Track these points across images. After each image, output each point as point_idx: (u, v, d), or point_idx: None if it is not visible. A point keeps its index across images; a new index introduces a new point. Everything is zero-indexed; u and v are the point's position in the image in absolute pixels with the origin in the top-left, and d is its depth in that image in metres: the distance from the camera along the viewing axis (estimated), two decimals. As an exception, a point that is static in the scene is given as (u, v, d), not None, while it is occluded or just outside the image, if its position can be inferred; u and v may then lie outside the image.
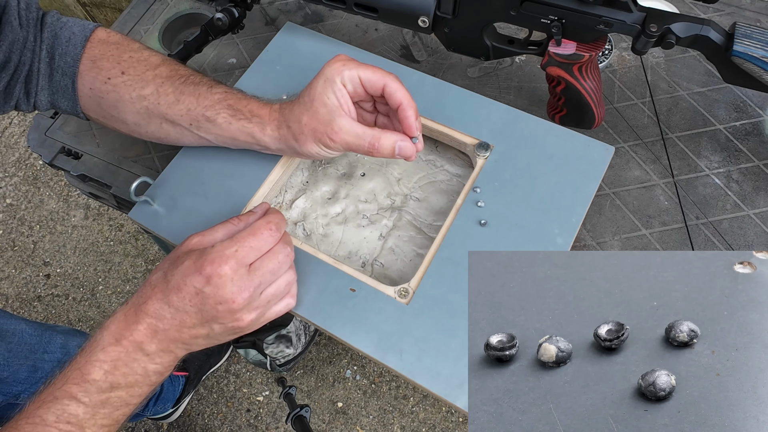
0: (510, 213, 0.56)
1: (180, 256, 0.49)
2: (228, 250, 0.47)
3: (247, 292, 0.47)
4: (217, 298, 0.46)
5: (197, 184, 0.60)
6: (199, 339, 0.49)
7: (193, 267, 0.47)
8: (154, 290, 0.48)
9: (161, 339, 0.48)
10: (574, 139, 0.59)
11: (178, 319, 0.48)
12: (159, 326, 0.48)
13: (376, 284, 0.54)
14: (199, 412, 1.40)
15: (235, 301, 0.47)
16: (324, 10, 0.81)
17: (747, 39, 0.53)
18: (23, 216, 1.66)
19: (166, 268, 0.49)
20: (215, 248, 0.47)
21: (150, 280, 0.50)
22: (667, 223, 0.64)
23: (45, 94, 0.59)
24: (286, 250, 0.50)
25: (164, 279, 0.48)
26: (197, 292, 0.46)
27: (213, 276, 0.46)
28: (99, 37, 0.59)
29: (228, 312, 0.47)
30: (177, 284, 0.47)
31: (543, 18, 0.56)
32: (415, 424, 1.36)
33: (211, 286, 0.46)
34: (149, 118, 0.59)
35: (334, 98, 0.53)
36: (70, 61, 0.58)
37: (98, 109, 0.60)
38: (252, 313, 0.49)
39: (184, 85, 0.58)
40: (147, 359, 0.48)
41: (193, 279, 0.46)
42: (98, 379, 0.47)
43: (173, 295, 0.47)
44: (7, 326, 0.87)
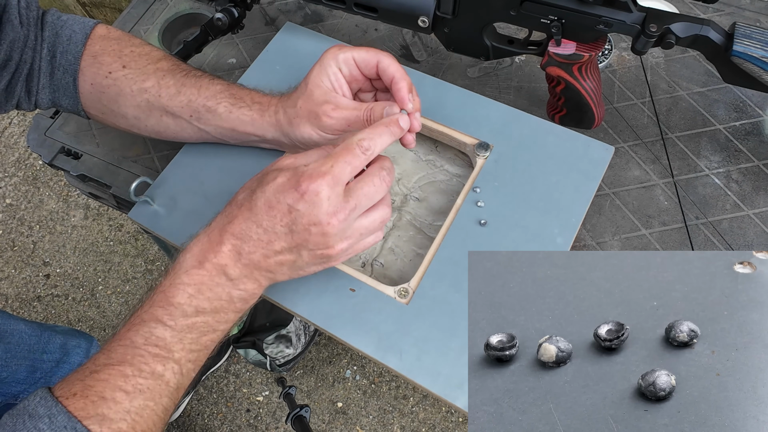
0: (510, 213, 0.56)
1: (270, 173, 0.46)
2: (323, 167, 0.44)
3: (343, 214, 0.44)
4: (311, 218, 0.44)
5: (197, 184, 0.60)
6: (284, 267, 0.47)
7: (288, 183, 0.44)
8: (241, 209, 0.46)
9: (245, 263, 0.46)
10: (574, 139, 0.59)
11: (265, 240, 0.45)
12: (244, 248, 0.45)
13: (376, 284, 0.54)
14: (199, 412, 1.40)
15: (330, 223, 0.44)
16: (324, 10, 0.81)
17: (747, 39, 0.53)
18: (23, 216, 1.65)
19: (254, 186, 0.46)
20: (310, 165, 0.44)
21: (236, 198, 0.47)
22: (666, 223, 0.64)
23: (46, 93, 0.59)
24: (382, 174, 0.46)
25: (251, 197, 0.45)
26: (290, 209, 0.44)
27: (308, 192, 0.43)
28: (99, 33, 0.60)
29: (321, 235, 0.45)
30: (268, 201, 0.44)
31: (543, 18, 0.56)
32: (415, 424, 1.36)
33: (306, 203, 0.43)
34: (149, 111, 0.59)
35: (328, 81, 0.53)
36: (71, 59, 0.58)
37: (99, 104, 0.60)
38: (344, 242, 0.46)
39: (186, 78, 0.58)
40: (230, 284, 0.46)
41: (287, 195, 0.44)
42: (183, 303, 0.45)
43: (263, 213, 0.44)
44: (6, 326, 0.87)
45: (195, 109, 0.57)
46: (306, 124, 0.54)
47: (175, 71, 0.59)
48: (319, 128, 0.53)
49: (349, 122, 0.53)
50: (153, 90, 0.58)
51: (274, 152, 0.61)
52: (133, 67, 0.58)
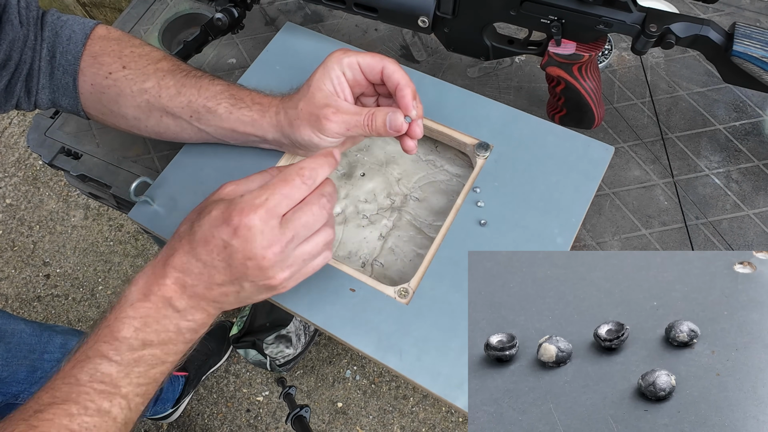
0: (510, 213, 0.56)
1: (209, 204, 0.46)
2: (258, 200, 0.44)
3: (279, 247, 0.44)
4: (246, 252, 0.43)
5: (197, 184, 0.60)
6: (229, 297, 0.47)
7: (221, 217, 0.44)
8: (182, 242, 0.46)
9: (190, 295, 0.46)
10: (574, 139, 0.59)
11: (206, 274, 0.45)
12: (187, 281, 0.45)
13: (376, 284, 0.54)
14: (199, 412, 1.40)
15: (265, 257, 0.44)
16: (324, 10, 0.81)
17: (747, 39, 0.53)
18: (23, 216, 1.65)
19: (193, 218, 0.47)
20: (244, 197, 0.44)
21: (178, 231, 0.47)
22: (666, 223, 0.64)
23: (46, 93, 0.59)
24: (321, 201, 0.46)
25: (190, 230, 0.45)
26: (225, 245, 0.44)
27: (241, 227, 0.43)
28: (99, 33, 0.60)
29: (258, 269, 0.44)
30: (204, 236, 0.44)
31: (543, 18, 0.56)
32: (415, 424, 1.36)
33: (239, 239, 0.43)
34: (149, 112, 0.59)
35: (330, 84, 0.52)
36: (71, 59, 0.58)
37: (98, 105, 0.60)
38: (285, 271, 0.46)
39: (186, 78, 0.58)
40: (178, 316, 0.46)
41: (221, 230, 0.43)
42: (129, 337, 0.45)
43: (200, 247, 0.44)
44: (6, 326, 0.87)
45: (195, 110, 0.57)
46: (306, 126, 0.53)
47: (176, 72, 0.59)
48: (319, 131, 0.53)
49: (349, 126, 0.53)
50: (153, 90, 0.58)
51: (274, 153, 0.61)
52: (133, 68, 0.58)
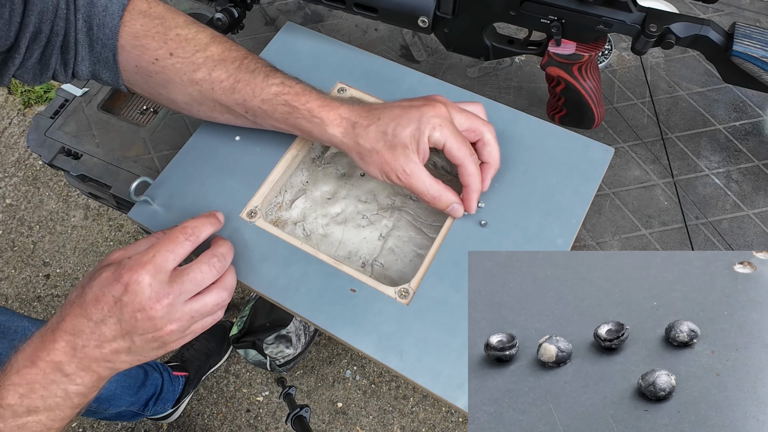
0: (510, 214, 0.56)
1: (99, 270, 0.48)
2: (145, 257, 0.47)
3: (167, 299, 0.46)
4: (135, 305, 0.46)
5: (197, 185, 0.60)
6: (121, 354, 0.48)
7: (111, 277, 0.46)
8: (72, 306, 0.47)
9: (81, 357, 0.46)
10: (574, 140, 0.59)
11: (97, 332, 0.46)
12: (78, 342, 0.46)
13: (377, 285, 0.54)
14: (199, 412, 1.40)
15: (153, 308, 0.46)
16: (324, 10, 0.81)
17: (746, 39, 0.53)
18: (23, 216, 1.65)
19: (84, 283, 0.48)
20: (132, 257, 0.47)
21: (68, 299, 0.49)
22: (666, 223, 0.64)
23: (86, 65, 0.57)
24: (212, 261, 0.49)
25: (82, 293, 0.47)
26: (116, 301, 0.46)
27: (131, 282, 0.45)
28: (139, 8, 0.56)
29: (147, 320, 0.46)
30: (95, 296, 0.46)
31: (543, 18, 0.56)
32: (415, 424, 1.36)
33: (129, 294, 0.46)
34: (202, 101, 0.58)
35: (416, 149, 0.52)
36: (108, 33, 0.56)
37: (145, 85, 0.59)
38: (173, 324, 0.47)
39: (239, 72, 0.56)
40: (67, 380, 0.46)
41: (111, 288, 0.46)
42: (13, 404, 0.45)
43: (91, 307, 0.46)
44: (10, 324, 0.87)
45: (250, 108, 0.56)
46: (376, 169, 0.53)
47: (227, 62, 0.56)
48: (387, 178, 0.54)
49: (414, 191, 0.53)
50: (205, 84, 0.56)
51: (273, 154, 0.61)
52: (180, 56, 0.56)
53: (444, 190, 0.53)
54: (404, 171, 0.52)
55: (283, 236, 0.56)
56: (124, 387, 1.10)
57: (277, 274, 0.55)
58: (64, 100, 0.76)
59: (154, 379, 1.21)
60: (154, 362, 1.27)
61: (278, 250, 0.56)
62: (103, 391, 1.08)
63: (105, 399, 1.05)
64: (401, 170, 0.52)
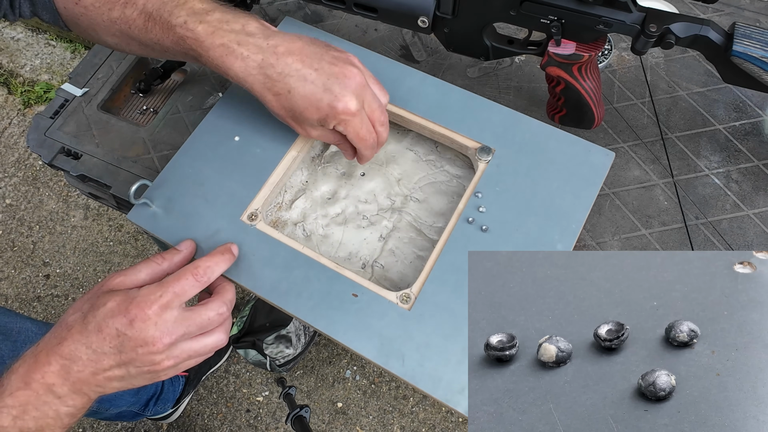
0: (511, 218, 0.56)
1: (101, 296, 0.48)
2: (153, 295, 0.47)
3: (169, 339, 0.47)
4: (139, 340, 0.46)
5: (196, 186, 0.60)
6: (113, 382, 0.48)
7: (117, 309, 0.47)
8: (71, 331, 0.47)
9: (74, 381, 0.47)
10: (575, 144, 0.59)
11: (94, 359, 0.47)
12: (73, 368, 0.47)
13: (378, 290, 0.54)
14: (199, 412, 1.40)
15: (155, 345, 0.47)
16: (324, 11, 0.81)
17: (746, 39, 0.53)
18: (23, 216, 1.65)
19: (85, 309, 0.48)
20: (141, 292, 0.48)
21: (66, 321, 0.49)
22: (666, 223, 0.64)
23: (27, 6, 0.60)
24: (221, 309, 0.50)
25: (83, 320, 0.47)
26: (118, 333, 0.46)
27: (137, 319, 0.46)
28: None
29: (148, 354, 0.47)
30: (98, 325, 0.47)
31: (542, 18, 0.56)
32: (415, 424, 1.36)
33: (134, 329, 0.46)
34: (127, 41, 0.58)
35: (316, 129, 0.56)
36: None
37: (77, 28, 0.60)
38: (170, 360, 0.48)
39: (147, 6, 0.55)
40: (59, 402, 0.47)
41: (116, 320, 0.46)
42: (6, 426, 0.46)
43: (93, 335, 0.47)
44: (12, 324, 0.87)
45: (167, 48, 0.55)
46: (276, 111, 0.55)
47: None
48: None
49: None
50: (122, 23, 0.56)
51: (273, 154, 0.61)
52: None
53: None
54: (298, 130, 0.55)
55: (285, 240, 0.56)
56: (125, 387, 1.10)
57: (279, 279, 0.55)
58: (63, 100, 0.76)
59: (154, 380, 1.21)
60: (154, 362, 1.27)
61: (279, 253, 0.56)
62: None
63: (106, 399, 1.05)
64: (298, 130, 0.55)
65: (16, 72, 1.86)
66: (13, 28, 1.92)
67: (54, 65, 1.86)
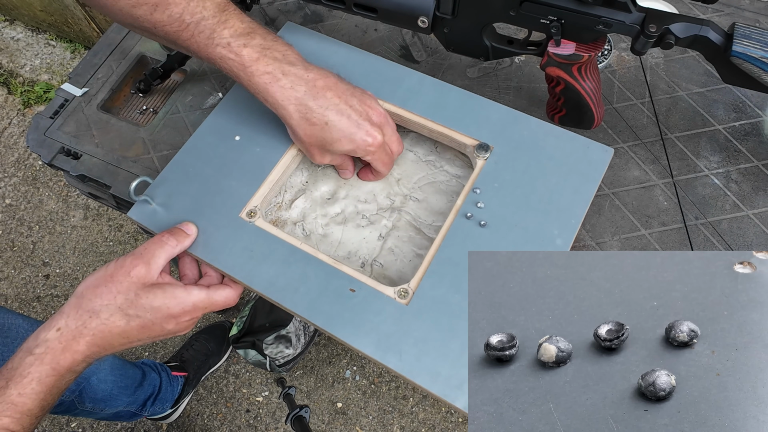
0: (509, 214, 0.56)
1: (141, 293, 0.52)
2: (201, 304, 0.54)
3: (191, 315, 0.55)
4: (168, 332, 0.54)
5: (196, 185, 0.60)
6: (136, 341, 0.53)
7: (171, 315, 0.52)
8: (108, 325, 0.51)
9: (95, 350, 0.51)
10: (574, 140, 0.59)
11: (125, 344, 0.52)
12: (101, 354, 0.51)
13: (376, 285, 0.54)
14: (199, 412, 1.40)
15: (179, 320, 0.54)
16: (324, 11, 0.81)
17: (746, 39, 0.54)
18: (22, 216, 1.65)
19: (123, 305, 0.51)
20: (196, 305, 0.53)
21: (92, 308, 0.51)
22: (666, 223, 0.64)
23: None
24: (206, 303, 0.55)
25: (123, 314, 0.51)
26: (163, 330, 0.53)
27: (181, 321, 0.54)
28: None
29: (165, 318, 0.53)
30: (143, 323, 0.52)
31: (542, 18, 0.56)
32: (415, 424, 1.36)
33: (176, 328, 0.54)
34: (148, 35, 0.58)
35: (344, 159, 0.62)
36: None
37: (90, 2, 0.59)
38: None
39: (184, 16, 0.55)
40: (75, 375, 0.51)
41: (168, 323, 0.53)
42: (33, 408, 0.48)
43: (134, 331, 0.51)
44: (4, 321, 0.87)
45: (197, 55, 0.56)
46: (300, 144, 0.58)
47: (170, 5, 0.54)
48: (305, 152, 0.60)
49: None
50: (145, 22, 0.55)
51: (273, 154, 0.61)
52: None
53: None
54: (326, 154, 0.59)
55: (283, 236, 0.56)
56: (121, 387, 1.10)
57: (277, 274, 0.55)
58: (63, 100, 0.76)
59: (152, 379, 1.21)
60: (152, 362, 1.27)
61: (278, 249, 0.56)
62: (99, 391, 1.08)
63: (101, 399, 1.04)
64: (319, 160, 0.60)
65: (16, 72, 1.86)
66: (13, 28, 1.92)
67: (54, 65, 1.86)
